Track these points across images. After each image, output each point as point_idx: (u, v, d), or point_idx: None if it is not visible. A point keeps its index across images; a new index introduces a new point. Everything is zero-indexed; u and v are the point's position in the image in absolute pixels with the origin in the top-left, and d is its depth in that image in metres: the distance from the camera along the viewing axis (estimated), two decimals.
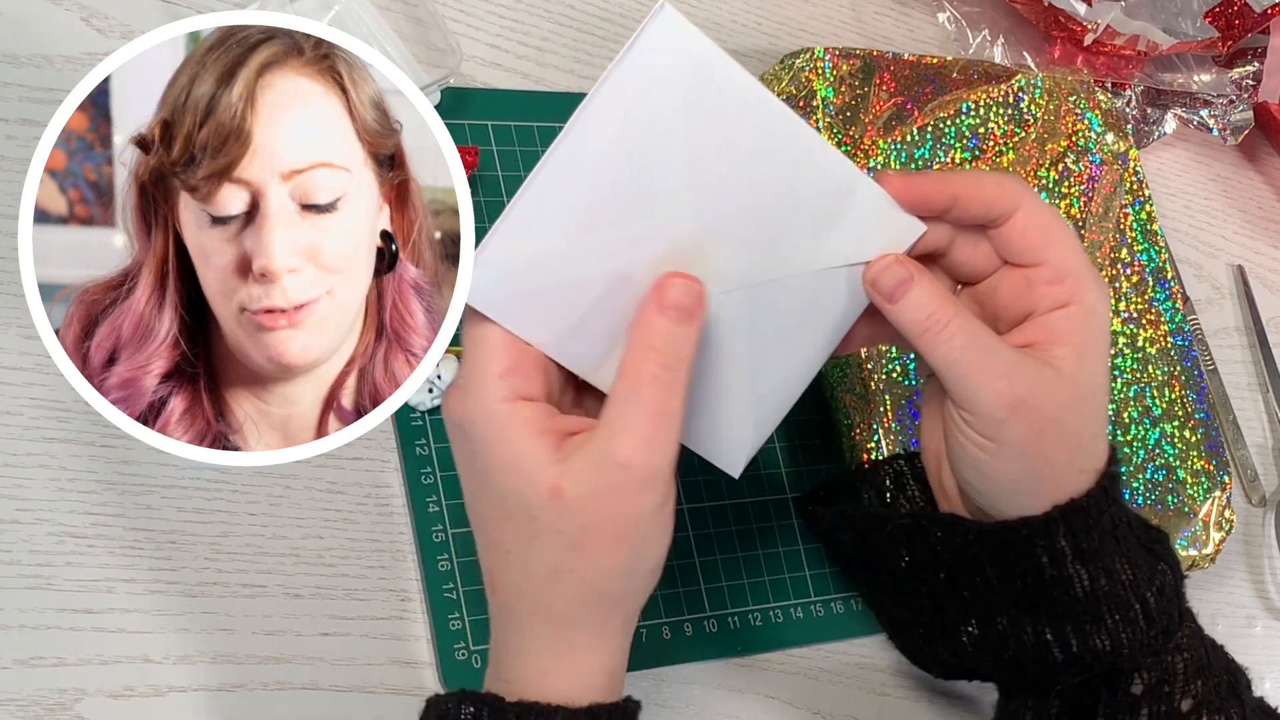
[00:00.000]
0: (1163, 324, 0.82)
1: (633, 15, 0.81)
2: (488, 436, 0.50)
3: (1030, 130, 0.82)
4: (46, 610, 0.57)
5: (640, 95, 0.50)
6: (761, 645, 0.70)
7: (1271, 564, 0.88)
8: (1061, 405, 0.54)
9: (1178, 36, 0.91)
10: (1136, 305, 0.81)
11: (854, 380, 0.74)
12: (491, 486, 0.51)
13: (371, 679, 0.61)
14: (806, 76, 0.77)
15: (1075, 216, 0.81)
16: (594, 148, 0.50)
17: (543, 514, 0.49)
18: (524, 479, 0.49)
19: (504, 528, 0.51)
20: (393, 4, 0.73)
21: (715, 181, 0.52)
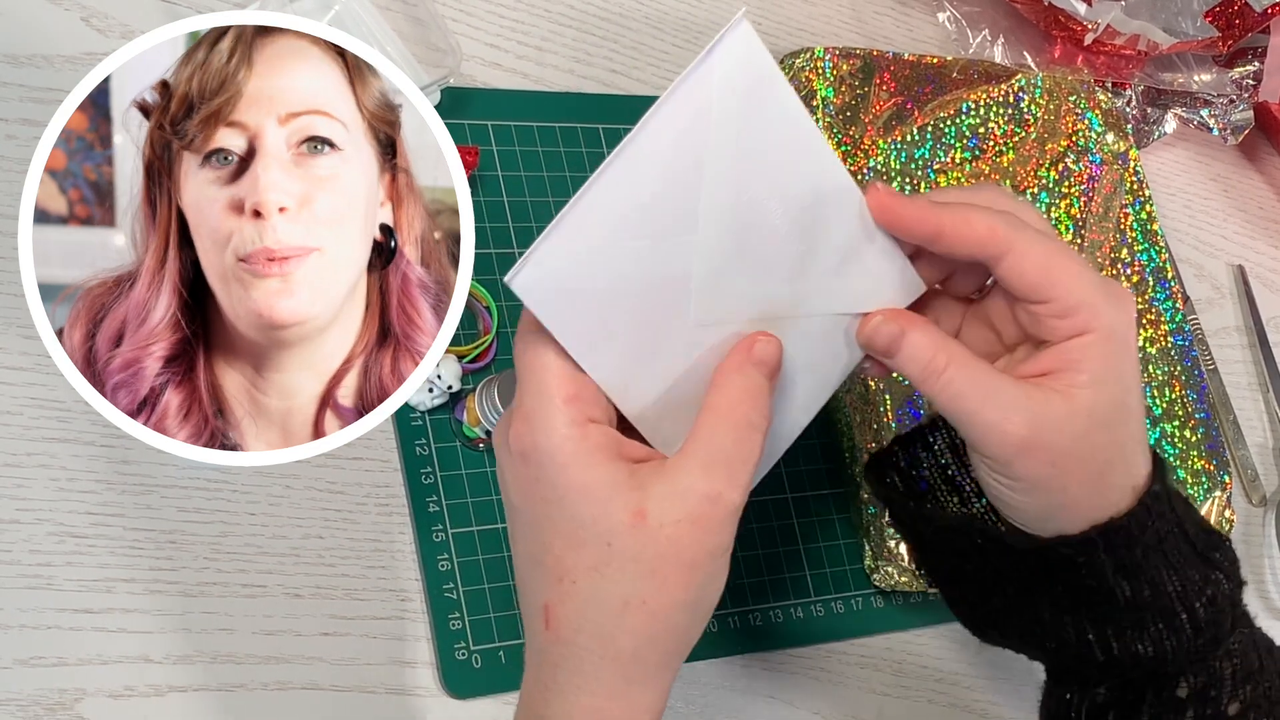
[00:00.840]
0: (1163, 324, 0.82)
1: (632, 15, 0.82)
2: (561, 463, 0.49)
3: (1030, 130, 0.82)
4: (46, 610, 0.57)
5: (706, 106, 0.50)
6: (762, 645, 0.70)
7: (1271, 564, 0.88)
8: (1076, 437, 0.53)
9: (1178, 36, 0.91)
10: (1136, 305, 0.81)
11: (854, 380, 0.74)
12: (563, 514, 0.49)
13: (371, 679, 0.61)
14: (806, 76, 0.77)
15: (1075, 216, 0.81)
16: (657, 153, 0.49)
17: (620, 539, 0.49)
18: (601, 504, 0.49)
19: (573, 557, 0.49)
20: (393, 4, 0.73)
21: (753, 206, 0.52)
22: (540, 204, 0.73)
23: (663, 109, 0.49)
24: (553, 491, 0.49)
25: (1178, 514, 0.57)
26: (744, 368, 0.52)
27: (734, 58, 0.50)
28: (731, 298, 0.53)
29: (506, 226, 0.72)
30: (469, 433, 0.66)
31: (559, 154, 0.75)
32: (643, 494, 0.49)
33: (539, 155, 0.74)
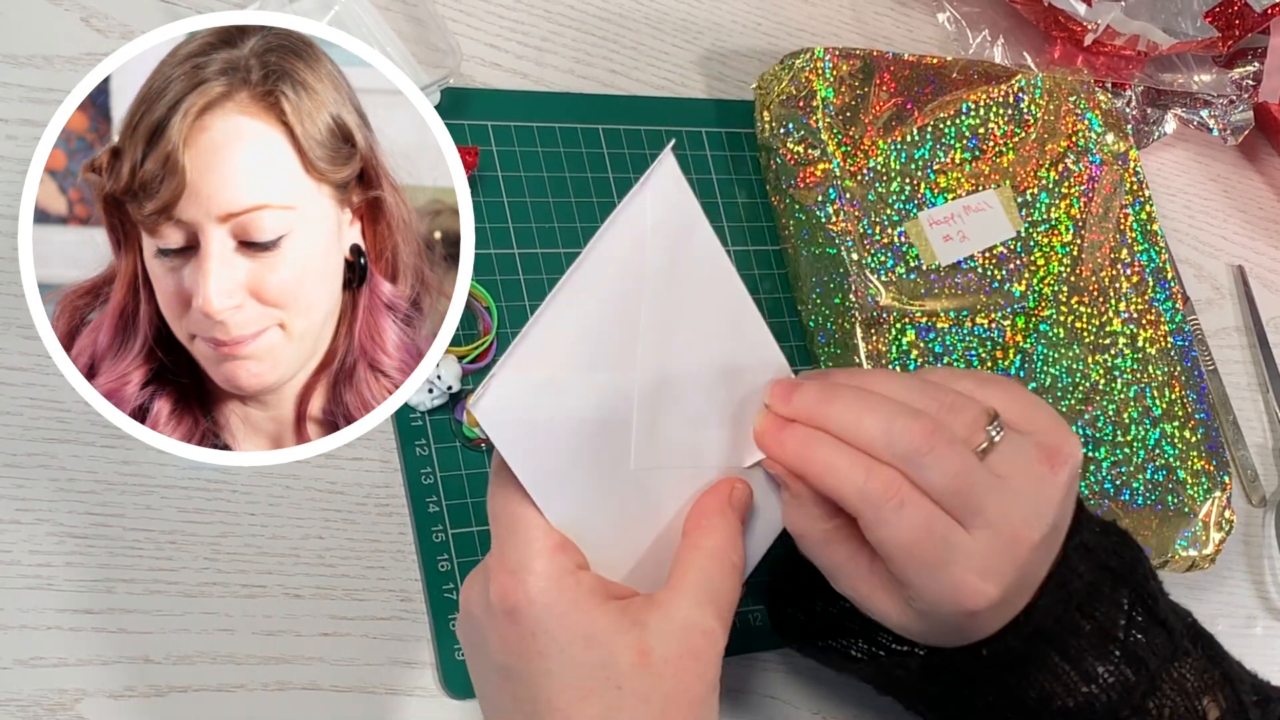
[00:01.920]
0: (1163, 324, 0.82)
1: (632, 15, 0.82)
2: (559, 613, 0.48)
3: (1030, 130, 0.82)
4: (46, 610, 0.57)
5: (640, 239, 0.51)
6: (762, 645, 0.70)
7: (1271, 564, 0.88)
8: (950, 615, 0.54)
9: (1178, 36, 0.91)
10: (1136, 305, 0.81)
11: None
12: (566, 666, 0.48)
13: (371, 679, 0.61)
14: (806, 76, 0.77)
15: (1075, 217, 0.81)
16: (601, 282, 0.50)
17: (629, 681, 0.48)
18: (607, 649, 0.48)
19: (580, 708, 0.48)
20: (393, 4, 0.73)
21: (684, 349, 0.53)
22: (540, 204, 0.73)
23: (604, 238, 0.49)
24: (552, 644, 0.48)
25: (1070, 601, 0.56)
26: (725, 512, 0.54)
27: (663, 192, 0.51)
28: (669, 444, 0.53)
29: (506, 226, 0.72)
30: (469, 433, 0.66)
31: (559, 154, 0.75)
32: (642, 631, 0.49)
33: (539, 155, 0.74)
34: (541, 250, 0.72)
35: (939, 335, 0.75)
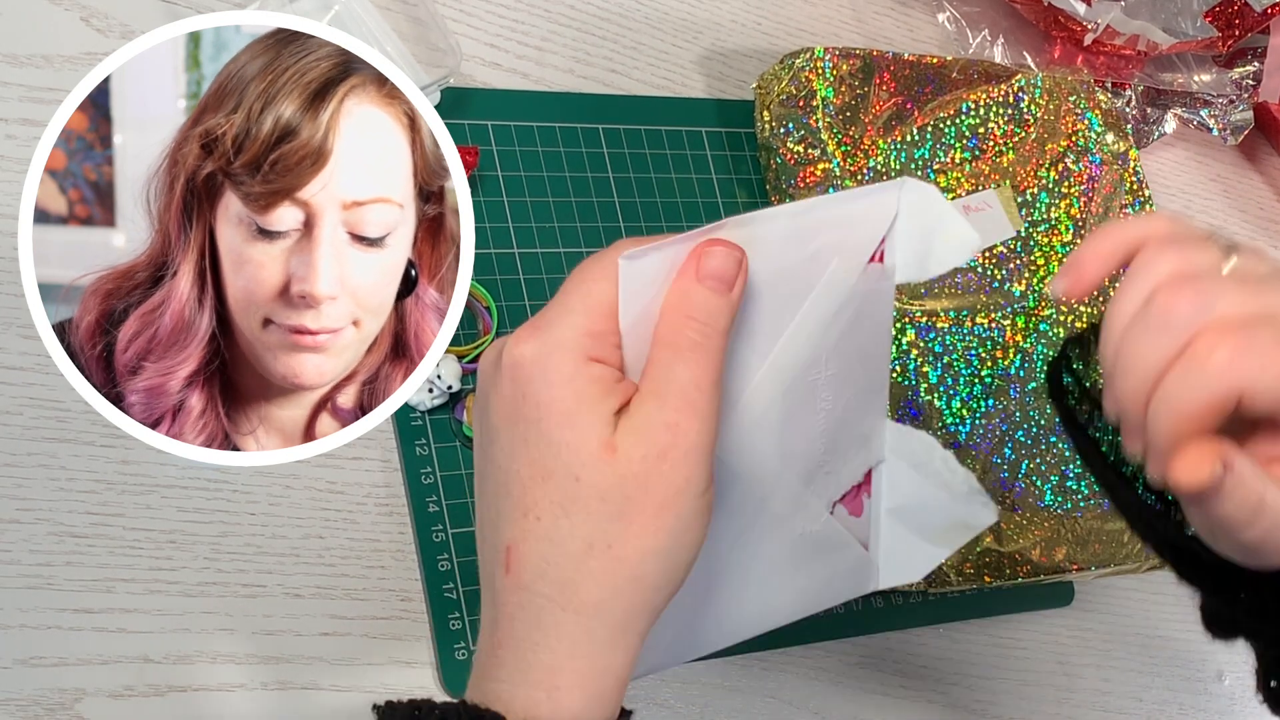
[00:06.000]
0: None
1: (632, 15, 0.82)
2: (553, 380, 0.46)
3: (1030, 130, 0.82)
4: (46, 610, 0.57)
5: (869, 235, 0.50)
6: (762, 645, 0.70)
7: None
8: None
9: (1178, 36, 0.91)
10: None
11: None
12: (539, 436, 0.47)
13: (371, 679, 0.61)
14: (806, 76, 0.77)
15: (1075, 217, 0.81)
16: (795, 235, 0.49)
17: (589, 473, 0.46)
18: (579, 431, 0.46)
19: (539, 490, 0.47)
20: (393, 4, 0.73)
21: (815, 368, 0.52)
22: (540, 204, 0.73)
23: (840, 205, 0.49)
24: (534, 410, 0.47)
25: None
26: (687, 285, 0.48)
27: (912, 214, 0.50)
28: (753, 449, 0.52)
29: (506, 226, 0.72)
30: (469, 433, 0.66)
31: (559, 154, 0.75)
32: (613, 428, 0.47)
33: (539, 155, 0.74)
34: (541, 250, 0.72)
35: (939, 335, 0.75)
